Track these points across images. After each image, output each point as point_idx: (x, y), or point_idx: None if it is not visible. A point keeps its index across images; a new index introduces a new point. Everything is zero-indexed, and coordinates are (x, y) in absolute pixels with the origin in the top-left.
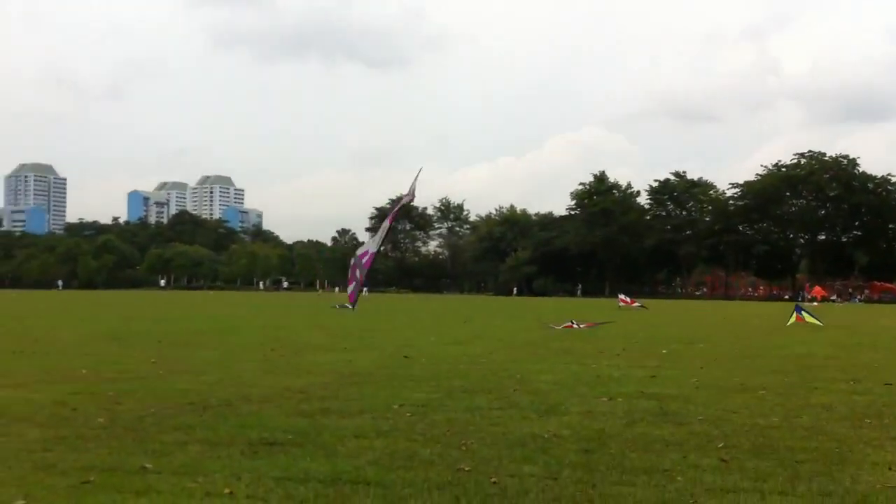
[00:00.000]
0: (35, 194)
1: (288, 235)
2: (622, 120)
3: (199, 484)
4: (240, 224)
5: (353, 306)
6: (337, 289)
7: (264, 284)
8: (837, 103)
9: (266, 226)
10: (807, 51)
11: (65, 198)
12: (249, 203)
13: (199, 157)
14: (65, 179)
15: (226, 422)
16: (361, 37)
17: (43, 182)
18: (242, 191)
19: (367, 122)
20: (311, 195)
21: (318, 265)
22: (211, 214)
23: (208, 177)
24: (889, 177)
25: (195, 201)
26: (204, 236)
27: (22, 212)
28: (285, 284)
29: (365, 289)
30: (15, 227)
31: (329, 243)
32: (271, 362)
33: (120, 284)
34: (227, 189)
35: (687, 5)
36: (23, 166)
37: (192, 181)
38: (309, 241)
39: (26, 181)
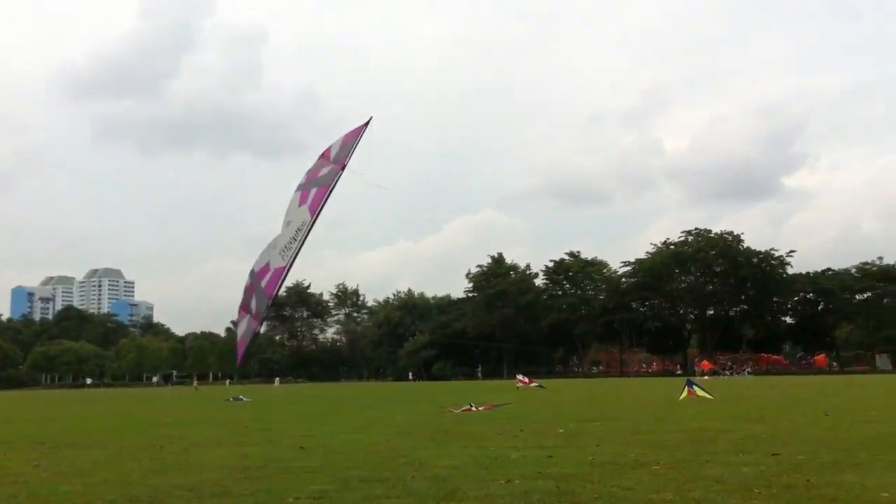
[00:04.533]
0: None
1: (181, 328)
2: (517, 202)
3: None
4: (129, 318)
5: (240, 360)
6: (228, 381)
7: (155, 379)
8: (717, 181)
9: (158, 318)
10: (685, 132)
11: None
12: (140, 296)
13: (88, 251)
14: None
15: None
16: (252, 126)
17: None
18: (132, 283)
19: (262, 209)
20: (205, 285)
21: (211, 357)
22: (99, 308)
23: (96, 270)
24: (772, 251)
25: (83, 296)
26: (91, 332)
27: None
28: (163, 380)
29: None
30: None
31: (223, 334)
32: (160, 460)
33: (1, 384)
34: (117, 282)
35: (570, 90)
36: None
37: (79, 275)
38: (202, 332)
39: None
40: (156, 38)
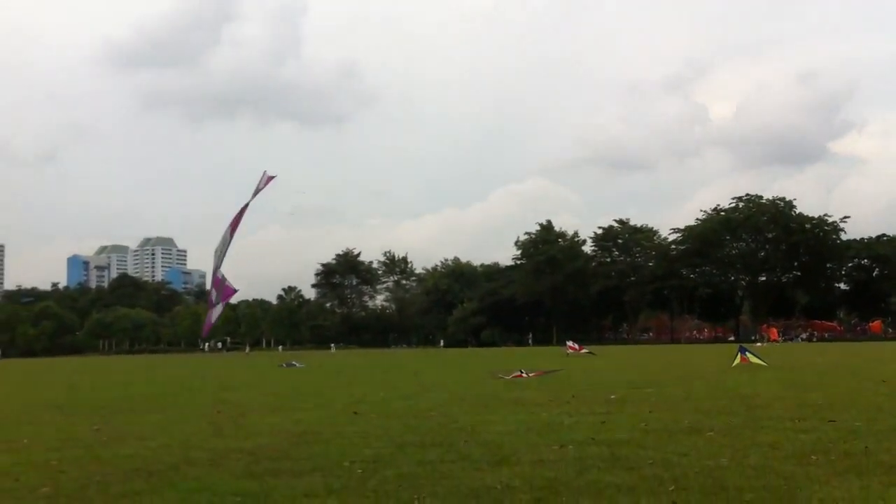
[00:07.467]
0: None
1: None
2: (562, 169)
3: None
4: (183, 285)
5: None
6: (281, 347)
7: (219, 345)
8: (764, 147)
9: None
10: (729, 99)
11: (2, 265)
12: (192, 264)
13: (140, 220)
14: (2, 247)
15: (173, 487)
16: (293, 96)
17: None
18: (185, 251)
19: (306, 179)
20: (254, 253)
21: (264, 324)
22: (153, 277)
23: (149, 239)
24: (825, 217)
25: (136, 264)
26: (146, 299)
27: None
28: (219, 346)
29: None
30: None
31: (274, 301)
32: (217, 425)
33: (60, 351)
34: (169, 250)
35: (611, 59)
36: None
37: (132, 244)
38: (254, 300)
39: None
40: (198, 10)
